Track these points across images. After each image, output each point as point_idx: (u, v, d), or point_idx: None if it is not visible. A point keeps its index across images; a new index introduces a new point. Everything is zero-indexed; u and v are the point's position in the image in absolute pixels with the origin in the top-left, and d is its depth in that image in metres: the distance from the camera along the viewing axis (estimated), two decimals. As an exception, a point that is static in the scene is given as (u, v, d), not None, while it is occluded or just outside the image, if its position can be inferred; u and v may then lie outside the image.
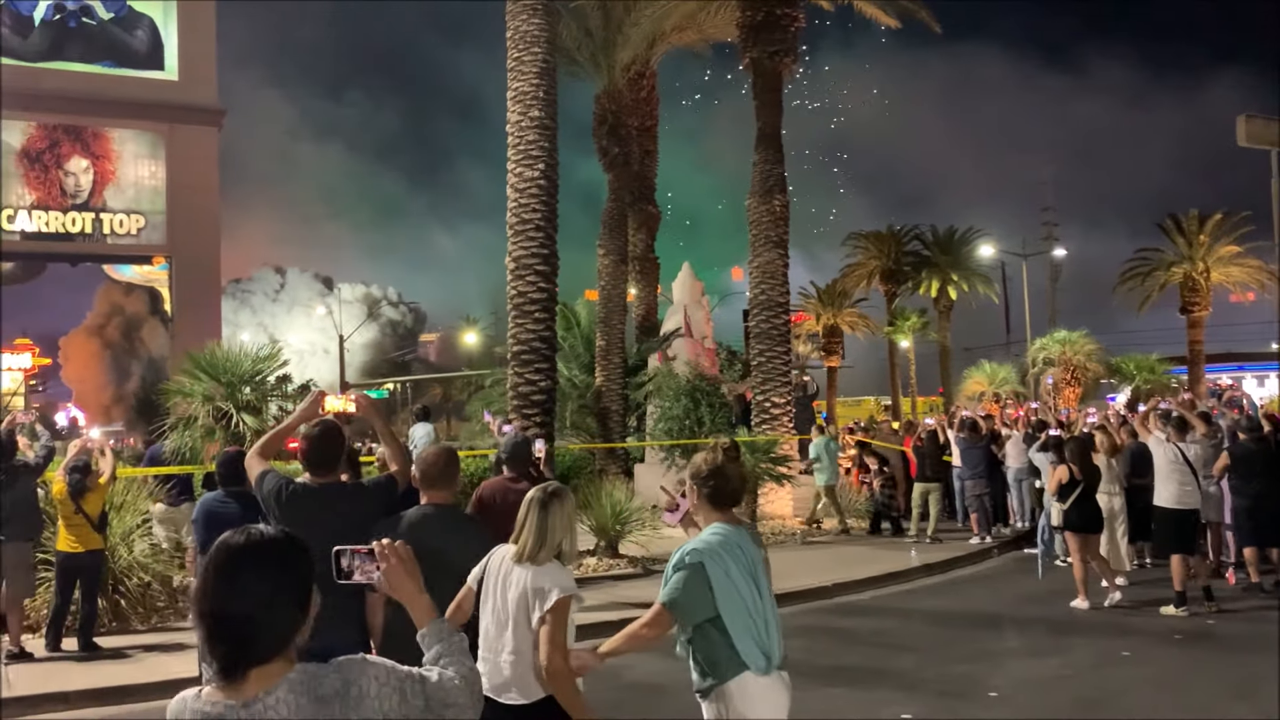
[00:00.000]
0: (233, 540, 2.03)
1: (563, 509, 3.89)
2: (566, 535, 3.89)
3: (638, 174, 22.71)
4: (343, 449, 4.70)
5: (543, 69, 13.54)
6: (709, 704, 3.83)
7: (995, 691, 7.49)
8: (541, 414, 13.25)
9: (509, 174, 13.61)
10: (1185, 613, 9.76)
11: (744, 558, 3.79)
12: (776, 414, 17.47)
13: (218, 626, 2.01)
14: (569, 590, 3.73)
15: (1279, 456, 11.25)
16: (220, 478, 6.56)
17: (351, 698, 2.01)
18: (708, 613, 3.70)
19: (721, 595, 3.68)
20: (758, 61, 18.56)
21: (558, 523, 3.85)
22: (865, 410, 44.80)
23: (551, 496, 3.90)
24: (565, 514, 3.89)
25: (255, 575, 1.99)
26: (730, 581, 3.70)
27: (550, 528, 3.83)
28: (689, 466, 4.10)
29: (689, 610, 3.73)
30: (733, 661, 3.70)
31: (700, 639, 3.77)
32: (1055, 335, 36.99)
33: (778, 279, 18.16)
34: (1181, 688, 7.56)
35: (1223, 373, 42.90)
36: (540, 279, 13.40)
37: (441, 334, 69.76)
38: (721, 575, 3.70)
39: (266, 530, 2.08)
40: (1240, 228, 35.13)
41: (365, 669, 2.07)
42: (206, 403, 11.73)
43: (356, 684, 2.03)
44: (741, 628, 3.69)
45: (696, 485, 3.95)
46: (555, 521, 3.85)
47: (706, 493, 3.92)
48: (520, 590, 3.76)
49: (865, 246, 42.92)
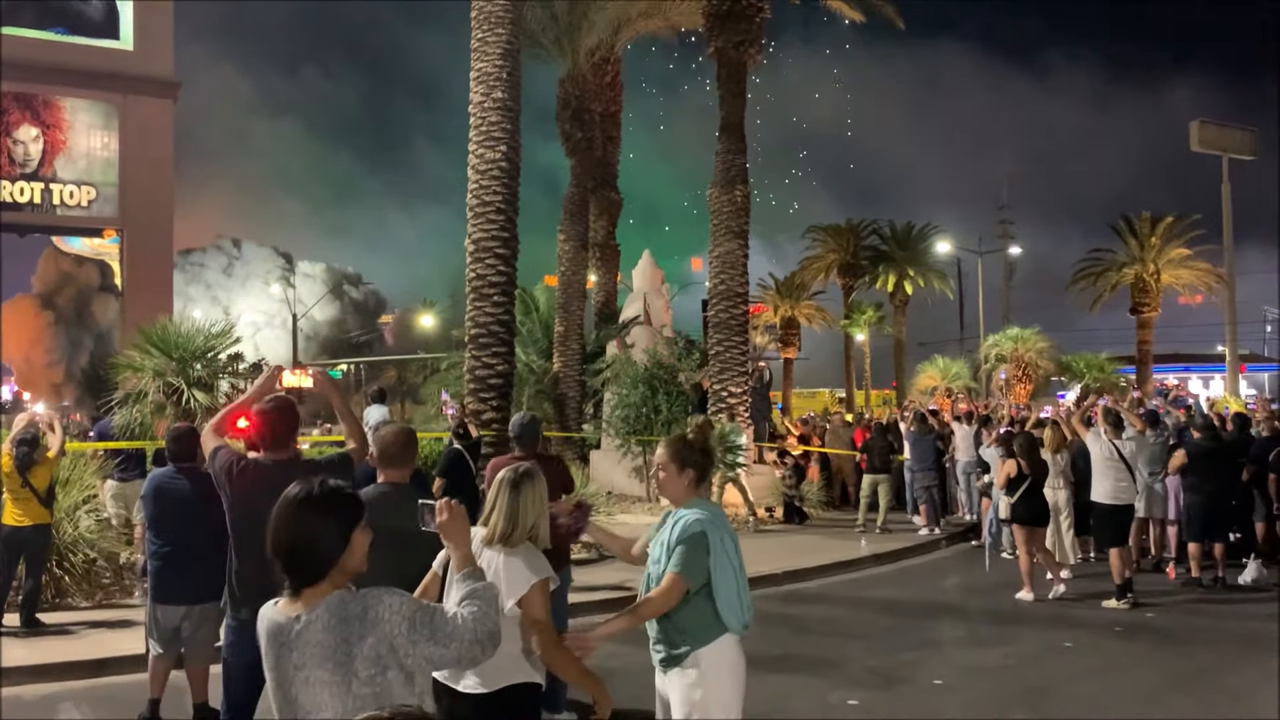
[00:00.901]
0: (291, 493, 2.60)
1: (534, 490, 3.78)
2: (540, 517, 3.79)
3: (600, 160, 22.64)
4: (297, 425, 4.67)
5: (506, 50, 13.46)
6: (680, 670, 3.89)
7: (940, 679, 7.61)
8: (498, 398, 13.20)
9: (470, 155, 13.52)
10: (1127, 604, 9.98)
11: (730, 529, 4.04)
12: (733, 403, 17.55)
13: (284, 558, 2.57)
14: (543, 573, 3.65)
15: (1230, 455, 11.55)
16: (170, 454, 6.47)
17: (369, 620, 2.51)
18: (702, 579, 3.87)
19: (717, 563, 3.88)
20: (723, 51, 18.57)
21: (530, 504, 3.74)
22: (820, 402, 45.16)
23: (523, 477, 3.78)
24: (537, 495, 3.79)
25: (305, 519, 2.56)
26: (724, 550, 3.91)
27: (523, 509, 3.73)
28: (669, 444, 4.10)
29: (696, 578, 3.86)
30: (714, 626, 3.89)
31: (684, 606, 3.87)
32: (1008, 332, 37.47)
33: (737, 269, 18.22)
34: (1122, 678, 7.73)
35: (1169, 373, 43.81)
36: (500, 262, 13.34)
37: (397, 316, 69.14)
38: (719, 544, 3.90)
39: (316, 484, 2.63)
40: (1191, 230, 35.78)
41: (383, 598, 2.56)
42: (157, 378, 11.56)
43: (374, 609, 2.52)
44: (730, 594, 3.89)
45: (682, 462, 4.01)
46: (527, 503, 3.74)
47: (694, 470, 4.03)
48: (491, 574, 3.61)
49: (824, 240, 43.16)
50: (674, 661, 3.93)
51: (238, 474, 4.41)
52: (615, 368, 19.69)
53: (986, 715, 6.79)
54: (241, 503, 4.40)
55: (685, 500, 4.00)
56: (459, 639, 2.59)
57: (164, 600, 6.23)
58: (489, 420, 12.91)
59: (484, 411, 12.96)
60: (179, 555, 6.14)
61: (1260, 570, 11.29)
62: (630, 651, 7.76)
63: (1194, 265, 35.68)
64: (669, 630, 3.92)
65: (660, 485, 4.10)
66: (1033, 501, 10.58)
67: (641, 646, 4.20)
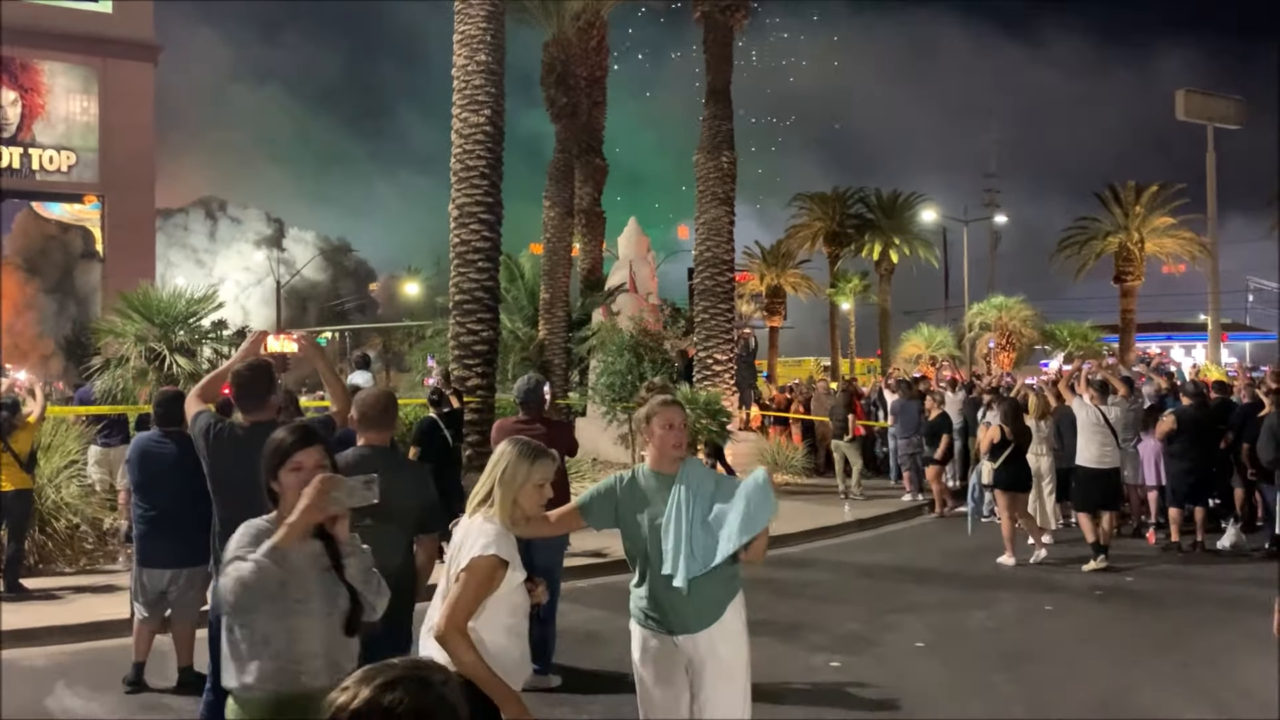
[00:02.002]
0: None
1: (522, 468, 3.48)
2: (522, 497, 3.48)
3: (585, 125, 22.47)
4: (272, 386, 4.65)
5: (490, 12, 13.31)
6: (721, 624, 3.85)
7: (922, 642, 7.69)
8: (483, 364, 13.17)
9: (454, 119, 13.40)
10: (1103, 562, 10.11)
11: None
12: (718, 371, 17.57)
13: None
14: (488, 551, 3.29)
15: (1213, 422, 11.66)
16: (157, 417, 6.46)
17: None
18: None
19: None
20: (709, 15, 18.43)
21: (511, 479, 3.46)
22: (805, 370, 45.24)
23: (523, 454, 3.49)
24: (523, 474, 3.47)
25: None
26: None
27: (504, 484, 3.46)
28: (679, 406, 4.04)
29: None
30: (738, 572, 3.96)
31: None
32: (992, 301, 37.60)
33: (723, 236, 18.17)
34: (1101, 640, 7.82)
35: (1152, 342, 44.06)
36: (484, 227, 13.26)
37: (383, 282, 68.85)
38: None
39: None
40: (1176, 200, 35.84)
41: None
42: (139, 344, 11.49)
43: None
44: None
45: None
46: (509, 478, 3.46)
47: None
48: (459, 537, 3.51)
49: (810, 208, 43.06)
50: (718, 612, 3.84)
51: (214, 437, 4.40)
52: (601, 335, 19.67)
53: (967, 677, 6.87)
54: (219, 465, 4.39)
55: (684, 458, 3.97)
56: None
57: (150, 564, 6.23)
58: (474, 387, 12.89)
59: (469, 378, 12.93)
60: (164, 520, 6.14)
61: (1239, 535, 11.42)
62: (609, 617, 7.82)
63: (1178, 234, 35.77)
64: (719, 582, 3.81)
65: (679, 445, 3.92)
66: (1015, 467, 10.66)
67: (621, 612, 4.22)
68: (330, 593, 2.94)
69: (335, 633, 2.93)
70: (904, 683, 6.69)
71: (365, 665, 1.68)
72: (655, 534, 3.82)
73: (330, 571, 2.95)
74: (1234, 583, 9.59)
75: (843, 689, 6.62)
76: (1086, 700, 6.37)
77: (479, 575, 3.28)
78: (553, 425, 7.06)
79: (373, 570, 3.07)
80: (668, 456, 3.87)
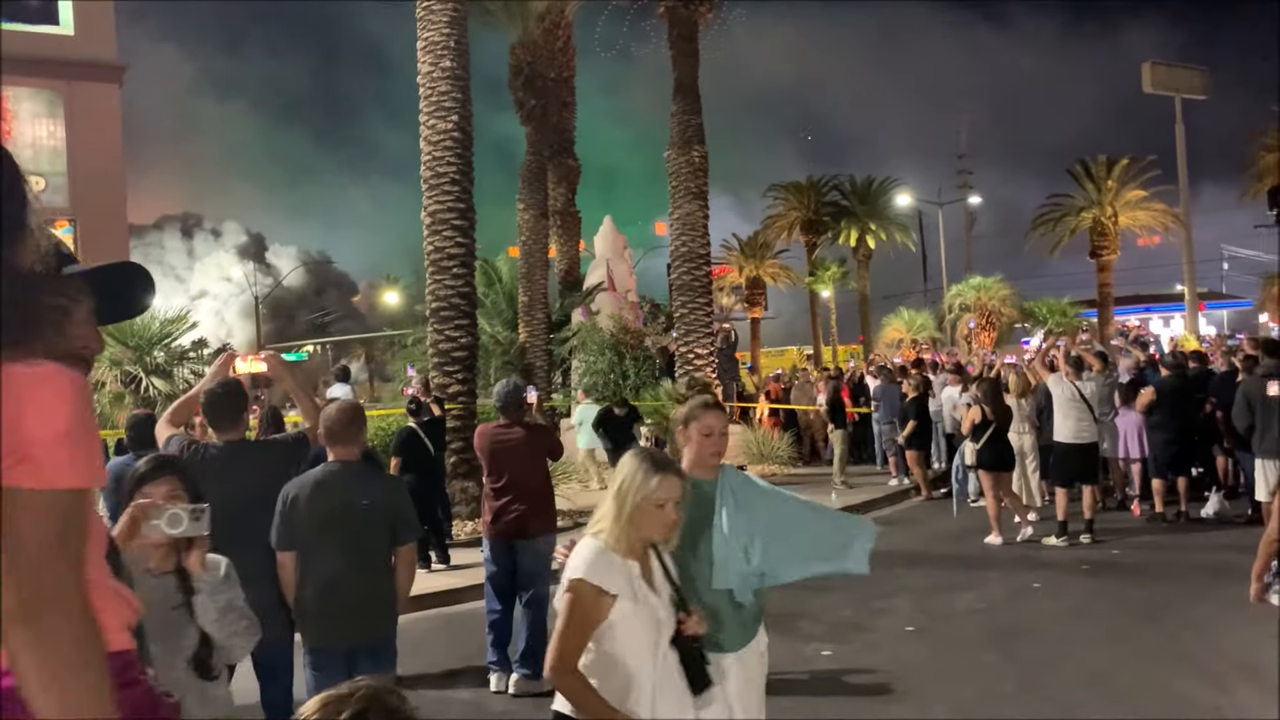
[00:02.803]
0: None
1: (643, 475, 2.99)
2: (640, 514, 2.98)
3: (556, 126, 22.43)
4: (244, 406, 4.64)
5: (454, 18, 13.27)
6: (756, 640, 3.66)
7: (912, 626, 7.71)
8: (463, 371, 13.14)
9: (422, 126, 13.36)
10: (1065, 542, 10.24)
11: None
12: (700, 365, 17.58)
13: None
14: (576, 573, 2.91)
15: (1192, 392, 11.74)
16: (130, 440, 6.42)
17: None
18: None
19: None
20: (673, 11, 18.43)
21: (623, 489, 3.00)
22: (788, 359, 45.32)
23: (647, 460, 3.04)
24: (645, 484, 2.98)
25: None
26: None
27: (617, 493, 3.00)
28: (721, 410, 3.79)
29: None
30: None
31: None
32: (971, 282, 37.76)
33: (698, 230, 18.18)
34: (1090, 615, 7.86)
35: (1131, 314, 44.31)
36: (458, 233, 13.22)
37: (363, 292, 68.60)
38: None
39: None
40: (1147, 172, 36.05)
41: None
42: (114, 367, 11.41)
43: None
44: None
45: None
46: (622, 485, 3.00)
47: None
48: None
49: (786, 198, 43.14)
50: (755, 630, 3.65)
51: (188, 457, 4.38)
52: (581, 335, 19.67)
53: (959, 658, 6.90)
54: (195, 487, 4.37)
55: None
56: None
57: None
58: (456, 394, 12.86)
59: (450, 385, 12.90)
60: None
61: (1221, 503, 11.51)
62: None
63: (1150, 206, 35.99)
64: (760, 594, 3.59)
65: (719, 453, 3.68)
66: (998, 447, 10.70)
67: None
68: (176, 633, 2.76)
69: (185, 676, 2.74)
70: (897, 667, 6.71)
71: (330, 689, 1.64)
72: (693, 542, 3.42)
73: (181, 609, 2.79)
74: (1218, 549, 9.65)
75: (837, 677, 6.64)
76: (1077, 675, 6.41)
77: (570, 605, 2.88)
78: (534, 429, 7.04)
79: (239, 607, 2.93)
80: (705, 464, 3.64)
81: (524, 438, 6.69)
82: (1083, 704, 5.92)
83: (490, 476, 6.64)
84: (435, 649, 7.42)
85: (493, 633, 6.59)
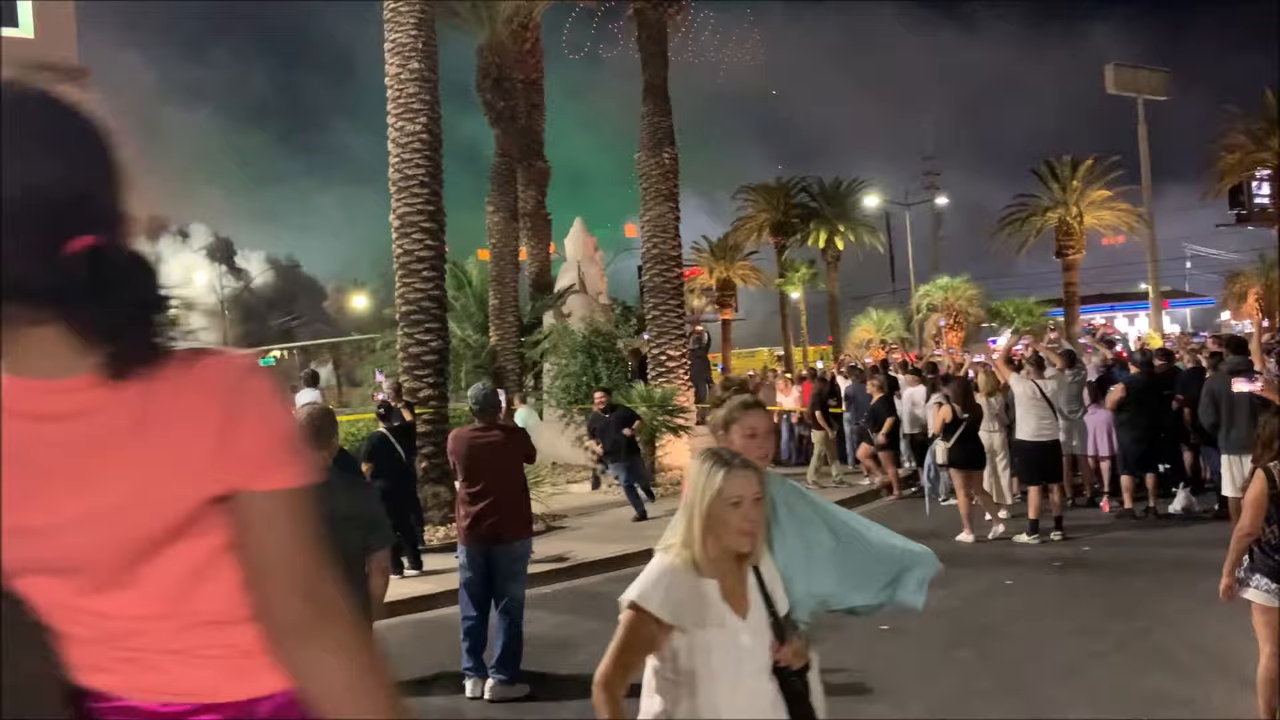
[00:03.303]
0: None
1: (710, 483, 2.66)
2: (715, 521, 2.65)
3: (525, 129, 22.35)
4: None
5: (421, 19, 13.19)
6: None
7: (886, 624, 7.72)
8: (434, 375, 13.06)
9: (389, 129, 13.27)
10: (1036, 539, 10.30)
11: None
12: (672, 367, 17.59)
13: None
14: (630, 595, 2.65)
15: (1159, 389, 11.87)
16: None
17: None
18: None
19: None
20: (641, 13, 18.45)
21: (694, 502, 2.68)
22: (759, 361, 45.45)
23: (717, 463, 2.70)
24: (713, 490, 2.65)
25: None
26: None
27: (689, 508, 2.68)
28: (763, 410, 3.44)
29: None
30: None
31: None
32: (938, 282, 38.05)
33: (669, 233, 18.19)
34: (1062, 611, 7.92)
35: (1096, 313, 44.83)
36: (427, 236, 13.14)
37: (331, 296, 68.14)
38: None
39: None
40: (1111, 172, 36.46)
41: None
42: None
43: None
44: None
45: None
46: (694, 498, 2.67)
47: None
48: None
49: (755, 200, 43.26)
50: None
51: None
52: (553, 338, 19.60)
53: (934, 655, 6.92)
54: None
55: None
56: None
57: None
58: (427, 398, 12.78)
59: (421, 389, 12.82)
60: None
61: (1189, 498, 11.64)
62: (575, 621, 7.78)
63: (1115, 206, 36.40)
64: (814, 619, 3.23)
65: (765, 456, 3.25)
66: (968, 445, 10.77)
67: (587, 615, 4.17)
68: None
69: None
70: (871, 665, 6.73)
71: None
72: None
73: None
74: (1186, 545, 9.76)
75: (811, 677, 6.63)
76: (1051, 670, 6.45)
77: (621, 625, 2.62)
78: (510, 432, 7.00)
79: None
80: None
81: (500, 441, 6.66)
82: (1057, 699, 5.96)
83: (465, 481, 6.59)
84: (409, 656, 7.36)
85: (468, 639, 6.54)
